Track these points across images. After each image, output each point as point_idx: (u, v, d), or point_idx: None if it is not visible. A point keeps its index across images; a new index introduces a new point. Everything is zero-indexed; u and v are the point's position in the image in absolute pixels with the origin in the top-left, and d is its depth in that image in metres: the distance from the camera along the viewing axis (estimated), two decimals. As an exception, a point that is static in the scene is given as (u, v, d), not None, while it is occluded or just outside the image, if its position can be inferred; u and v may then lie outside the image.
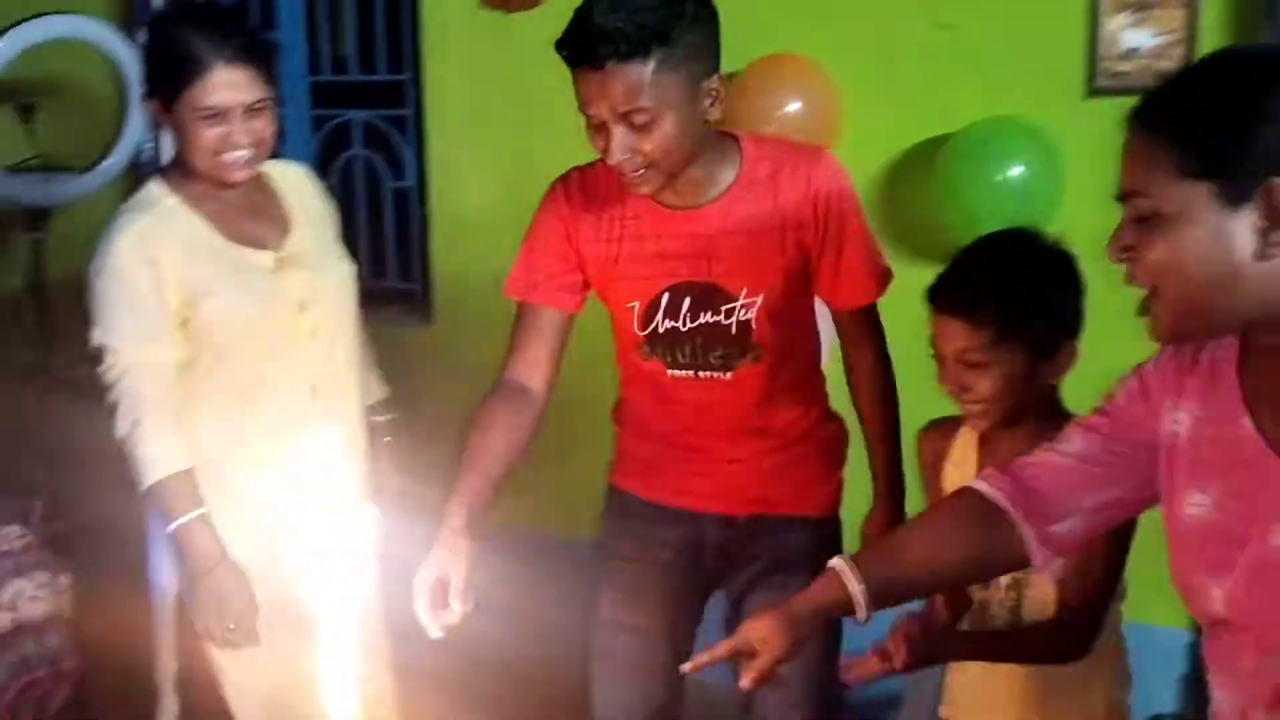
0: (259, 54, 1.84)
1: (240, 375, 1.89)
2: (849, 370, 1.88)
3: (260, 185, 1.97)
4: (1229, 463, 1.04)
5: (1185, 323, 1.01)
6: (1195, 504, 1.07)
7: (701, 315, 1.73)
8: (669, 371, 1.78)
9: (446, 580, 1.64)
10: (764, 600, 1.84)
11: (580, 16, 1.56)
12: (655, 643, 1.90)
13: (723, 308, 1.73)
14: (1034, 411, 1.53)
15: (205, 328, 1.85)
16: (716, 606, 1.97)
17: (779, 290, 1.73)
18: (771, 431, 1.82)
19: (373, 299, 3.60)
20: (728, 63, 2.58)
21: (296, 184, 2.05)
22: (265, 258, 1.92)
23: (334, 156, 3.66)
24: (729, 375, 1.77)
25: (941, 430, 1.69)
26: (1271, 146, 0.93)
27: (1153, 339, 1.04)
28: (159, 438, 1.81)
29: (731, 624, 1.93)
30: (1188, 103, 0.98)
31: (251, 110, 1.81)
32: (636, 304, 1.75)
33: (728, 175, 1.71)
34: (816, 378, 1.91)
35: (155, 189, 1.90)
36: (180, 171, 1.89)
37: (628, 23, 1.51)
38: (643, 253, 1.73)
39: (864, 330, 1.84)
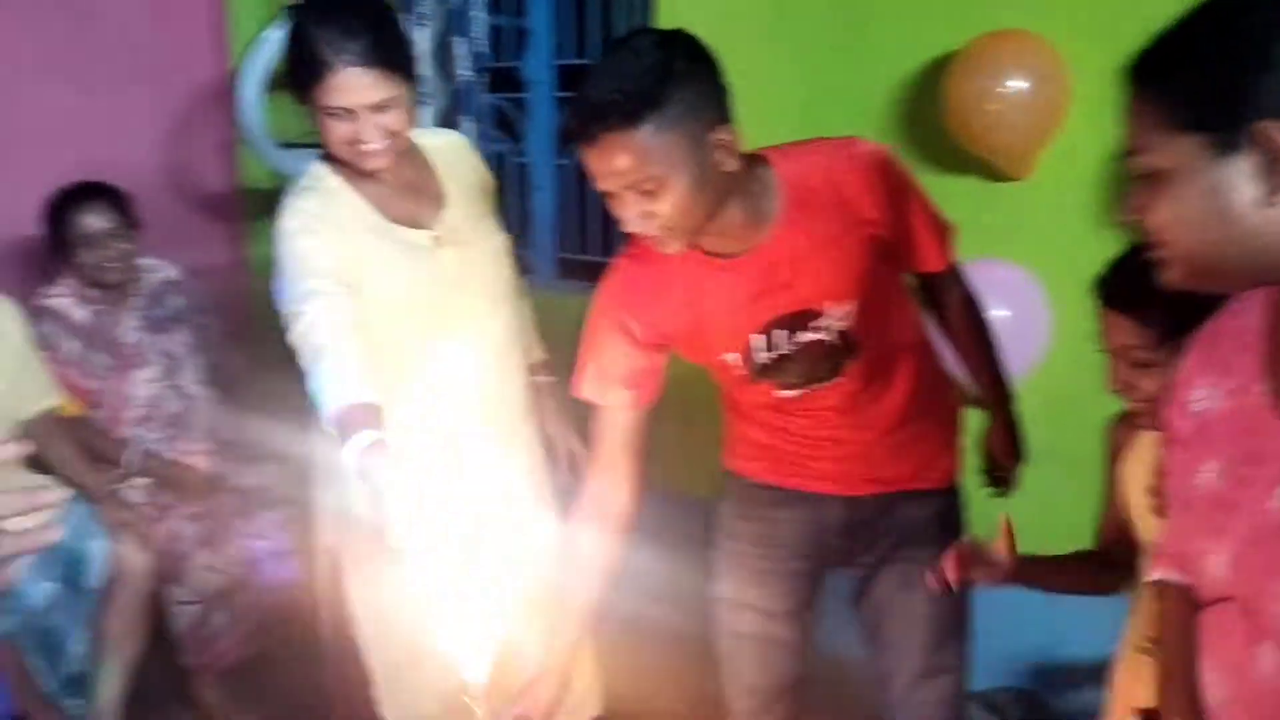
0: (387, 53, 1.79)
1: (401, 350, 1.92)
2: (942, 322, 1.89)
3: (414, 161, 1.98)
4: (1239, 429, 1.01)
5: (1196, 279, 0.99)
6: (1206, 471, 1.03)
7: (801, 335, 1.71)
8: (778, 392, 1.77)
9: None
10: (894, 576, 1.89)
11: (576, 93, 1.53)
12: (782, 622, 1.93)
13: (818, 325, 1.70)
14: None
15: (366, 304, 1.84)
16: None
17: (866, 289, 1.70)
18: (887, 414, 1.80)
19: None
20: (950, 39, 2.58)
21: (451, 156, 2.05)
22: (423, 236, 1.93)
23: (573, 135, 3.82)
24: (840, 379, 1.75)
25: (1130, 423, 1.62)
26: (1258, 91, 0.90)
27: (1167, 284, 1.03)
28: (341, 370, 1.75)
29: (859, 600, 1.95)
30: (1173, 55, 0.96)
31: (378, 108, 1.78)
32: (734, 355, 1.74)
33: (772, 202, 1.65)
34: (926, 347, 1.87)
35: (319, 170, 1.92)
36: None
37: (615, 93, 1.45)
38: (721, 308, 1.70)
39: (948, 285, 1.85)
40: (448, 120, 3.63)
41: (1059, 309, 2.58)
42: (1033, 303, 2.46)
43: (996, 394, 1.94)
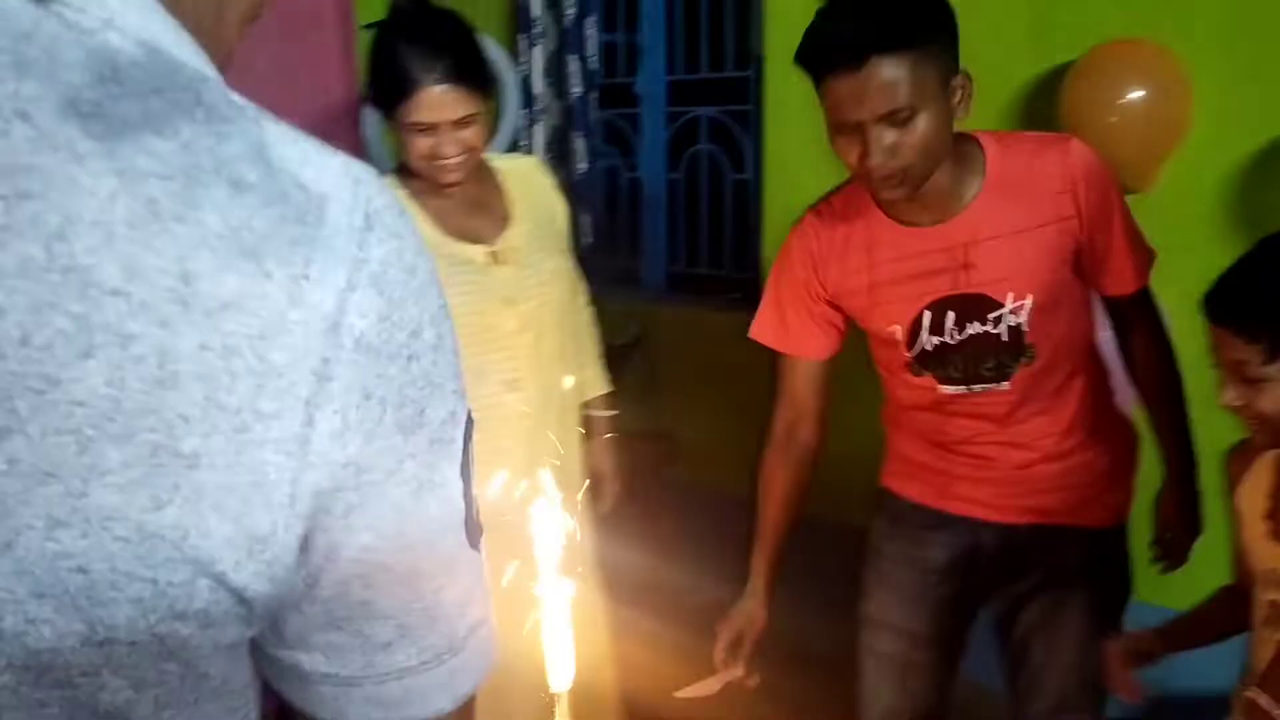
0: (469, 71, 1.85)
1: None
2: (1126, 357, 1.82)
3: (485, 179, 2.03)
4: None
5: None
6: None
7: (969, 327, 1.68)
8: (940, 387, 1.75)
9: (744, 635, 1.84)
10: (1043, 610, 1.83)
11: (824, 23, 1.55)
12: (925, 646, 1.90)
13: (990, 316, 1.67)
14: None
15: None
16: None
17: (1047, 288, 1.66)
18: (1052, 435, 1.76)
19: (712, 287, 3.80)
20: (1069, 49, 2.54)
21: (524, 179, 2.09)
22: (477, 252, 1.95)
23: (684, 149, 3.86)
24: (1005, 385, 1.72)
25: (1245, 451, 1.56)
26: None
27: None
28: None
29: (1003, 630, 1.91)
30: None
31: (460, 124, 1.85)
32: (898, 328, 1.72)
33: (974, 180, 1.66)
34: (1099, 373, 1.82)
35: (389, 181, 1.96)
36: (410, 168, 1.96)
37: (882, 19, 1.49)
38: (898, 275, 1.70)
39: (1138, 314, 1.77)
40: (561, 136, 3.70)
41: (1181, 328, 2.51)
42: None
43: (1176, 451, 1.82)
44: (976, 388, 1.73)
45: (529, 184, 2.10)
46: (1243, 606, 1.57)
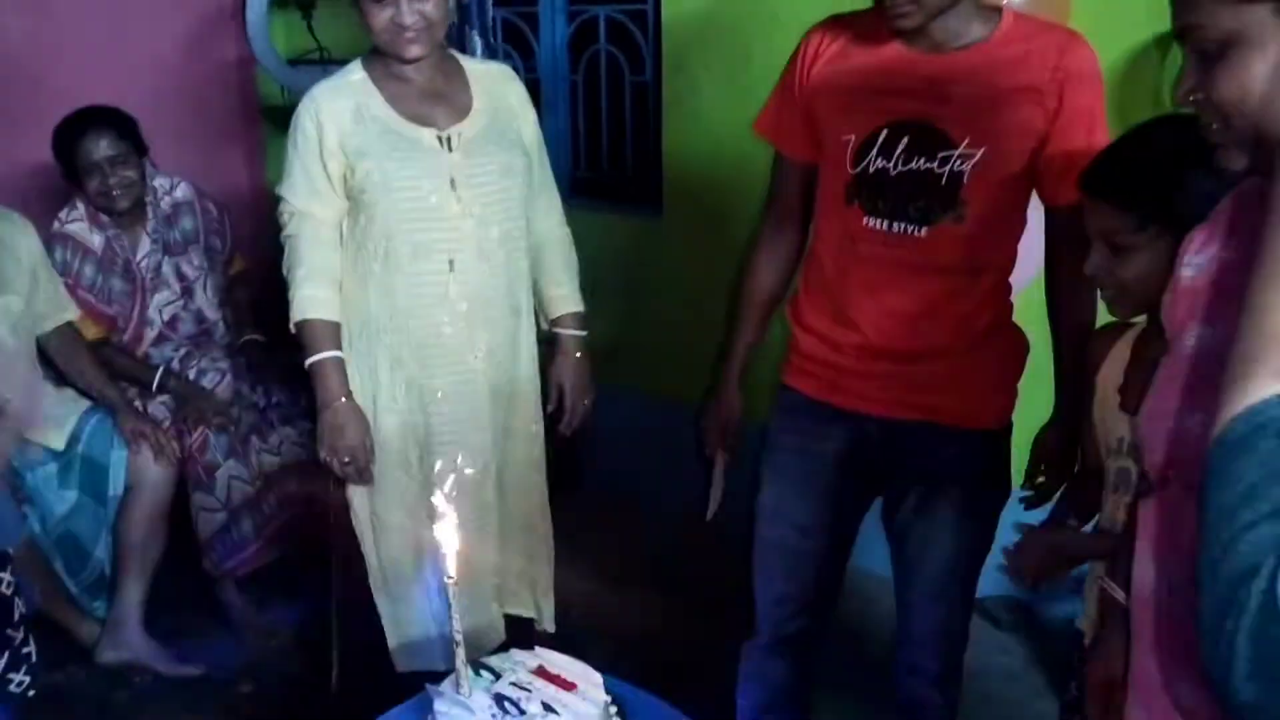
0: None
1: (390, 239, 2.05)
2: (1053, 270, 1.85)
3: (452, 74, 2.15)
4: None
5: (1258, 155, 0.91)
6: (1192, 335, 0.97)
7: (915, 160, 1.72)
8: (865, 219, 1.77)
9: (728, 421, 2.03)
10: (918, 507, 1.91)
11: None
12: (815, 535, 1.97)
13: (939, 154, 1.71)
14: None
15: (359, 187, 2.04)
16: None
17: (1001, 152, 1.70)
18: (952, 325, 1.80)
19: (612, 191, 3.79)
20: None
21: (492, 80, 2.20)
22: (428, 135, 2.08)
23: (583, 51, 3.82)
24: (924, 231, 1.74)
25: (1108, 335, 1.67)
26: None
27: (1226, 166, 0.96)
28: (310, 283, 2.06)
29: (887, 518, 1.98)
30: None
31: None
32: (852, 137, 1.77)
33: (981, 30, 1.73)
34: (1004, 282, 1.86)
35: (353, 65, 2.12)
36: (377, 52, 2.08)
37: None
38: (872, 86, 1.76)
39: (1079, 231, 1.76)
40: (456, 33, 3.63)
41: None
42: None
43: (1072, 387, 1.81)
44: (896, 227, 1.76)
45: (495, 85, 2.20)
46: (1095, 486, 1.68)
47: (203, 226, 3.14)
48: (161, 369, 2.97)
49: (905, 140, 1.73)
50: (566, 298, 2.33)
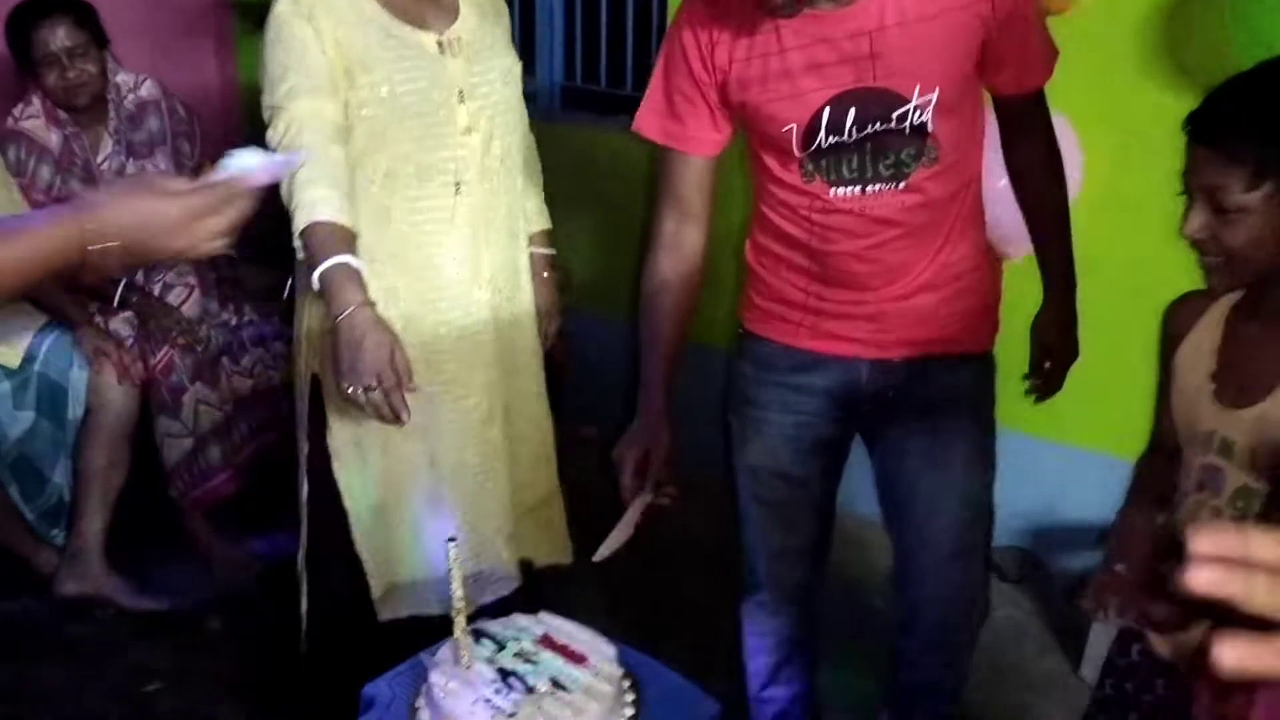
0: None
1: (392, 160, 1.86)
2: (1015, 163, 1.77)
3: None
4: None
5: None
6: None
7: (870, 126, 1.57)
8: (832, 191, 1.62)
9: (651, 455, 1.69)
10: (923, 450, 1.78)
11: None
12: (808, 485, 1.86)
13: (894, 114, 1.56)
14: None
15: (359, 102, 1.83)
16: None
17: (953, 82, 1.56)
18: (938, 260, 1.68)
19: (609, 105, 3.58)
20: None
21: None
22: (428, 38, 1.88)
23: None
24: (901, 185, 1.61)
25: (1193, 306, 1.43)
26: None
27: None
28: (318, 184, 1.76)
29: (884, 469, 1.86)
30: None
31: None
32: (794, 126, 1.59)
33: None
34: (978, 186, 1.73)
35: None
36: None
37: None
38: (796, 65, 1.56)
39: (1035, 115, 1.72)
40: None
41: (1092, 158, 2.43)
42: (1066, 149, 2.32)
43: (1061, 270, 1.81)
44: (870, 190, 1.62)
45: None
46: (1172, 469, 1.48)
47: (170, 128, 2.91)
48: (124, 283, 2.77)
49: (853, 111, 1.57)
50: (536, 211, 2.16)
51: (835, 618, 2.14)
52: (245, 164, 1.22)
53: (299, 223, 1.76)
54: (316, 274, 1.75)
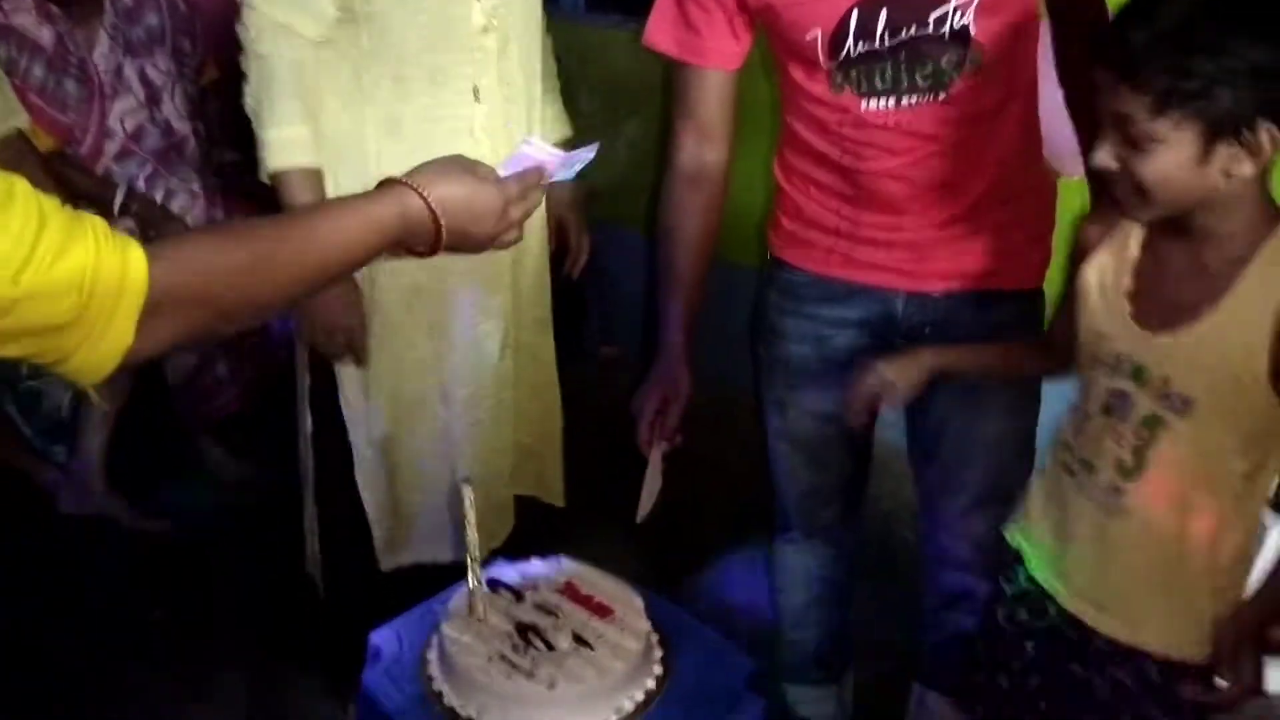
0: None
1: (402, 62, 1.71)
2: (1069, 68, 1.56)
3: None
4: None
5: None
6: None
7: (904, 30, 1.40)
8: (863, 104, 1.47)
9: (670, 403, 1.61)
10: (958, 391, 1.63)
11: None
12: (837, 424, 1.71)
13: (931, 17, 1.39)
14: (1218, 212, 1.17)
15: (362, 18, 1.68)
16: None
17: None
18: (987, 176, 1.52)
19: (640, 7, 3.38)
20: None
21: None
22: None
23: None
24: (940, 97, 1.45)
25: (1108, 219, 1.33)
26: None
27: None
28: (287, 122, 1.69)
29: (915, 412, 1.73)
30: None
31: None
32: (818, 31, 1.44)
33: None
34: (1032, 107, 1.57)
35: None
36: None
37: None
38: None
39: (1091, 9, 1.52)
40: None
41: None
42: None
43: None
44: (906, 101, 1.47)
45: None
46: (1048, 362, 1.49)
47: (170, 24, 2.73)
48: (124, 188, 2.61)
49: (884, 14, 1.41)
50: (555, 119, 2.01)
51: (867, 554, 2.04)
52: (541, 155, 1.15)
53: (266, 165, 1.72)
54: None
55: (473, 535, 1.31)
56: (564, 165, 1.18)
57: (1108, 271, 1.30)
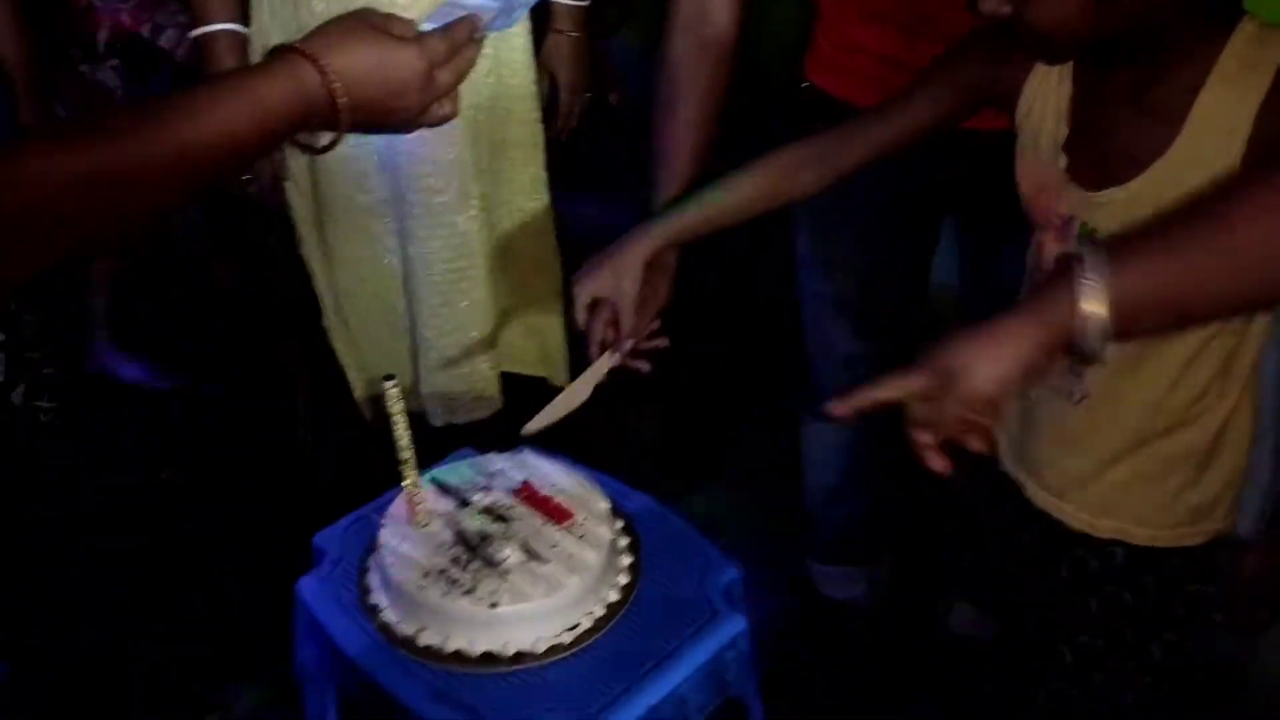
0: None
1: None
2: None
3: None
4: None
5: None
6: None
7: None
8: None
9: (622, 293, 1.27)
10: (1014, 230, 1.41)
11: None
12: (883, 279, 1.55)
13: None
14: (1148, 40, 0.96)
15: None
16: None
17: None
18: None
19: None
20: None
21: None
22: None
23: None
24: None
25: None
26: None
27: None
28: None
29: (975, 257, 1.59)
30: None
31: None
32: None
33: None
34: None
35: None
36: None
37: None
38: None
39: None
40: None
41: None
42: None
43: None
44: None
45: None
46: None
47: None
48: (110, 24, 2.44)
49: None
50: None
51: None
52: (472, 1, 0.92)
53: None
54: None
55: (401, 437, 1.14)
56: (502, 12, 0.95)
57: (1042, 112, 1.09)
